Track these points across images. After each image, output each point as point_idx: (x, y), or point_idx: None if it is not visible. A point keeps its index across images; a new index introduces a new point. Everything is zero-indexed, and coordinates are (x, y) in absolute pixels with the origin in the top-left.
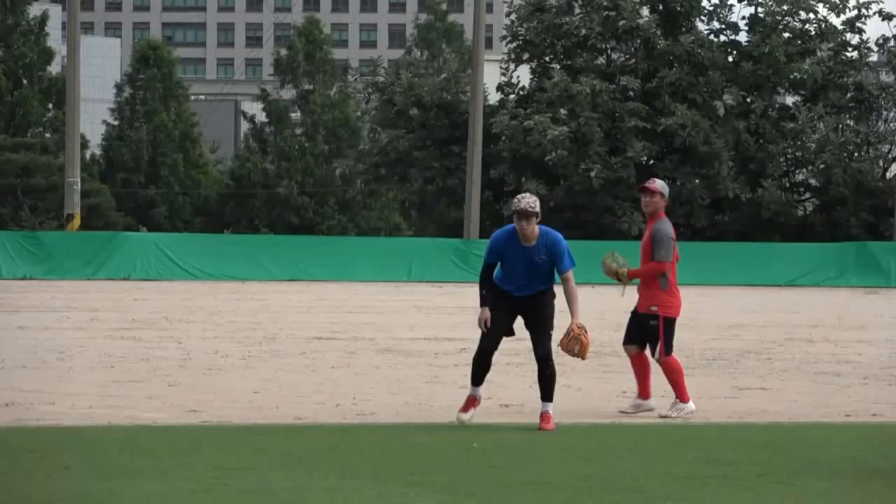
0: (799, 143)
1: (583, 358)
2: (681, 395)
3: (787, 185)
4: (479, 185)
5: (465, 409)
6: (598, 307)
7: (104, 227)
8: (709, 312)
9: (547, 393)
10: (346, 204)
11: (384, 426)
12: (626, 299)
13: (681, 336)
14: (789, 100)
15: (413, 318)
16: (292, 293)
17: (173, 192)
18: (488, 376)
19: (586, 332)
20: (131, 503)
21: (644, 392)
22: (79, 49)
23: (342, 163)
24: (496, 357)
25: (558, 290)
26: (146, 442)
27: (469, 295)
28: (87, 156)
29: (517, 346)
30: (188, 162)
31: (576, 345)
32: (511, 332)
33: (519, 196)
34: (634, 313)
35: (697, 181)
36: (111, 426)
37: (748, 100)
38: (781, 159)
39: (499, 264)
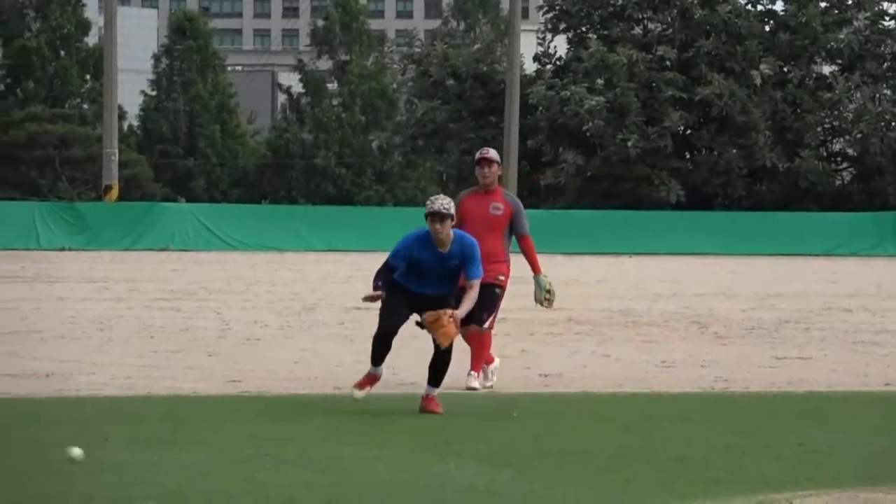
0: (836, 112)
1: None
2: (478, 367)
3: (825, 154)
4: (517, 155)
5: (361, 385)
6: (635, 277)
7: (142, 198)
8: (746, 282)
9: (435, 379)
10: (384, 175)
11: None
12: (659, 268)
13: (719, 305)
14: (826, 69)
15: None
16: (330, 263)
17: (211, 162)
18: (523, 346)
19: (456, 322)
20: (170, 473)
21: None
22: (115, 20)
23: (379, 135)
24: (535, 327)
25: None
26: (185, 412)
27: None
28: (125, 127)
29: (555, 315)
30: (225, 133)
31: (438, 329)
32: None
33: (432, 197)
34: None
35: (734, 151)
36: (150, 396)
37: (785, 69)
38: (818, 129)
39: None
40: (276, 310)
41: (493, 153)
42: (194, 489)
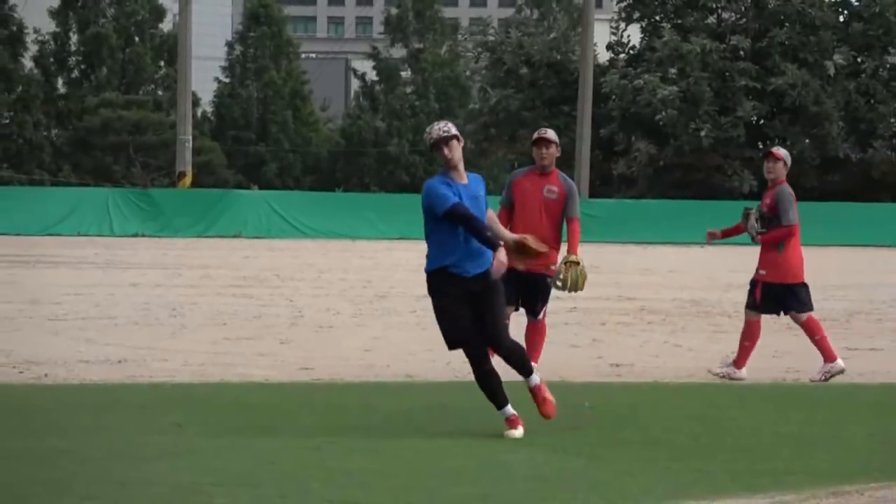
0: None
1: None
2: (536, 358)
3: None
4: (589, 144)
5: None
6: (707, 267)
7: (215, 185)
8: (817, 273)
9: (522, 369)
10: None
11: None
12: (730, 259)
13: None
14: None
15: None
16: (402, 251)
17: (284, 149)
18: (595, 335)
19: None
20: (242, 460)
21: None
22: (190, 6)
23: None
24: (606, 317)
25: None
26: (257, 399)
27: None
28: (199, 113)
29: (626, 305)
30: (298, 120)
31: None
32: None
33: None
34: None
35: (807, 141)
36: (223, 383)
37: (858, 60)
38: (892, 120)
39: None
40: (348, 297)
41: (551, 133)
42: (264, 476)
